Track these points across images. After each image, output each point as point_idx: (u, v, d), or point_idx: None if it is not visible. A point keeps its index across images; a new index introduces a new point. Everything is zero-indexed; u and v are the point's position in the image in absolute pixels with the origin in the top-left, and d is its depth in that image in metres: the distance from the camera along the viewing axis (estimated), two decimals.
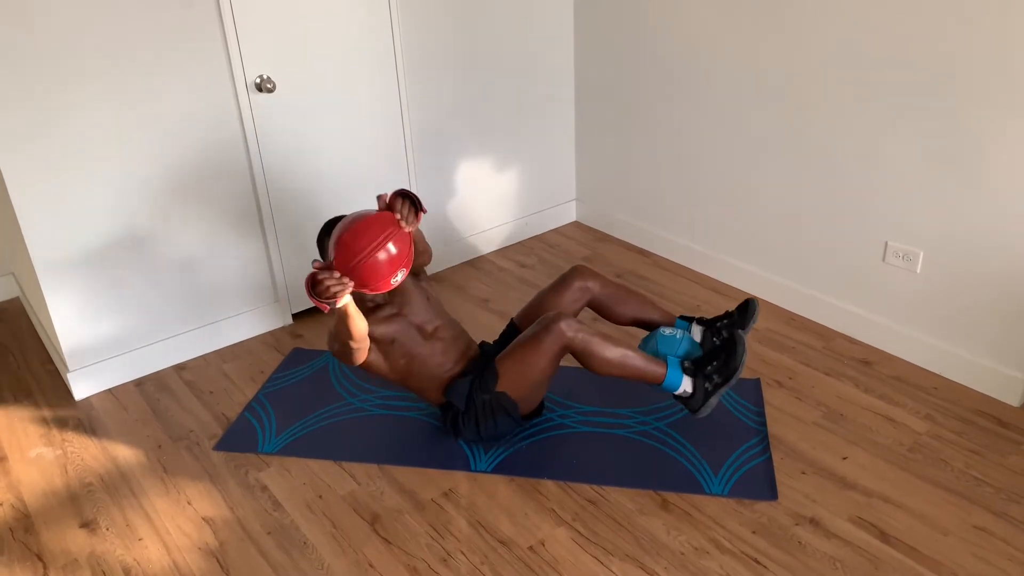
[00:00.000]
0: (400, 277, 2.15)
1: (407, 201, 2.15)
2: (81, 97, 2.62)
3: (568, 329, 2.28)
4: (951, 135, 2.56)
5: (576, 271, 2.62)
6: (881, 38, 2.65)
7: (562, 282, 2.61)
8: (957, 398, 2.69)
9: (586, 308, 2.67)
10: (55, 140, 2.62)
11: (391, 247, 2.09)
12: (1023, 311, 2.55)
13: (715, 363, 2.35)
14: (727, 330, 2.53)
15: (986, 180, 2.52)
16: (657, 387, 2.39)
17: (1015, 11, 2.30)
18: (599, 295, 2.62)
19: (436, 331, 2.48)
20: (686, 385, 2.36)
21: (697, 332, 2.59)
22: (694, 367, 2.39)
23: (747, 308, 2.54)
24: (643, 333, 2.98)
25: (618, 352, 2.32)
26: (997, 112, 2.43)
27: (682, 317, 2.66)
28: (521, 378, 2.36)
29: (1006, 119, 2.41)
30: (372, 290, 2.12)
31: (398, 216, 2.12)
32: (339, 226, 2.13)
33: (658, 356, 2.43)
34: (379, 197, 2.17)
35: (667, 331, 2.52)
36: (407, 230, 2.13)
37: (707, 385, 2.34)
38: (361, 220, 2.12)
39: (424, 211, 2.18)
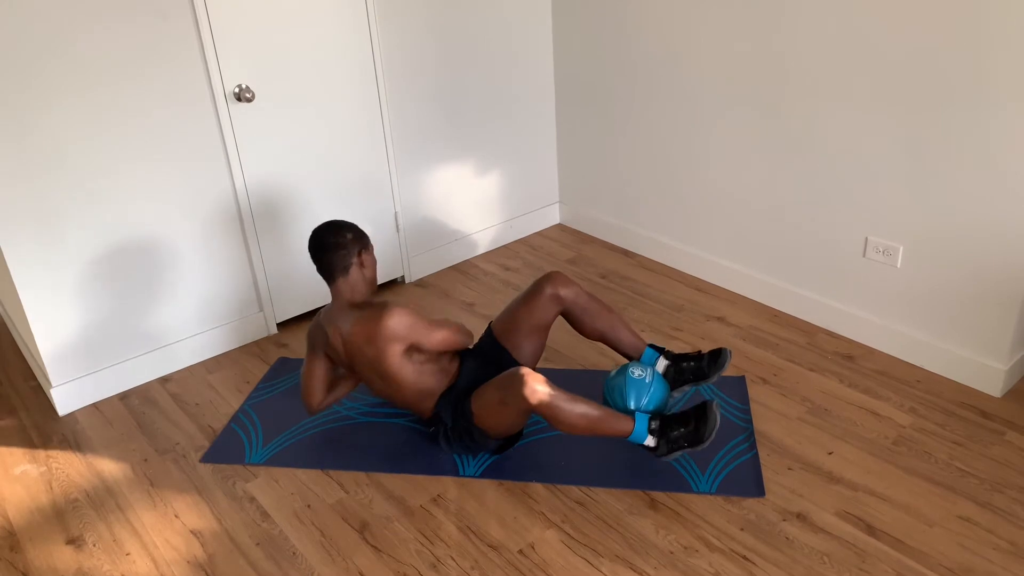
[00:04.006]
0: None
1: None
2: (59, 110, 2.60)
3: (532, 396, 2.21)
4: (929, 130, 2.58)
5: (549, 278, 2.58)
6: (859, 34, 2.67)
7: (535, 289, 2.58)
8: (940, 390, 2.72)
9: (560, 317, 2.66)
10: (33, 154, 2.60)
11: None
12: (1002, 302, 2.58)
13: (683, 429, 2.29)
14: (691, 373, 2.49)
15: (964, 174, 2.54)
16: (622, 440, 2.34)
17: (990, 7, 2.33)
18: (572, 305, 2.58)
19: None
20: (650, 442, 2.31)
21: (662, 365, 2.54)
22: (661, 427, 2.31)
23: (718, 357, 2.49)
24: (607, 350, 2.98)
25: (582, 416, 2.24)
26: (974, 107, 2.45)
27: (651, 346, 2.59)
28: (492, 423, 2.36)
29: (983, 114, 2.44)
30: None
31: None
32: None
33: (626, 399, 2.36)
34: None
35: (636, 373, 2.40)
36: None
37: (671, 446, 2.30)
38: None
39: None
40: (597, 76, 3.69)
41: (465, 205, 3.83)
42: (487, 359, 2.58)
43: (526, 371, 2.25)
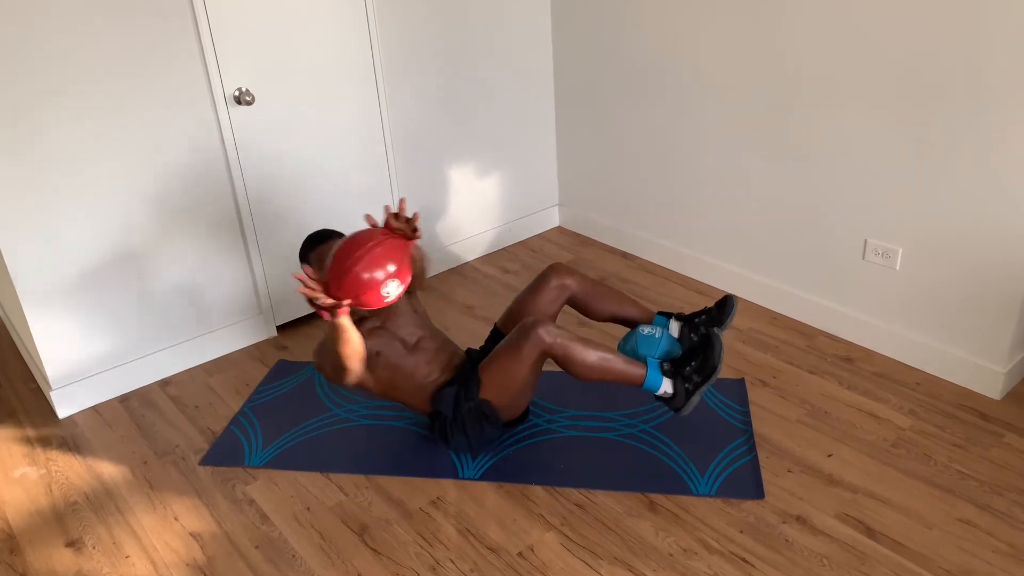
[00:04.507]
0: (392, 291, 2.14)
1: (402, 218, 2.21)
2: (58, 114, 2.61)
3: (547, 335, 2.28)
4: (929, 131, 2.59)
5: (553, 269, 2.61)
6: (857, 36, 2.68)
7: (540, 281, 2.61)
8: (939, 393, 2.72)
9: (566, 307, 2.67)
10: (32, 158, 2.60)
11: (375, 261, 2.08)
12: (1002, 304, 2.58)
13: (693, 363, 2.36)
14: (705, 326, 2.53)
15: (963, 176, 2.55)
16: (638, 389, 2.40)
17: (987, 9, 2.33)
18: (577, 292, 2.61)
19: (420, 342, 2.49)
20: (666, 386, 2.36)
21: (675, 328, 2.59)
22: (673, 368, 2.39)
23: (725, 304, 2.54)
24: (621, 330, 2.99)
25: (598, 356, 2.31)
26: (974, 108, 2.46)
27: (660, 313, 2.66)
28: (503, 385, 2.36)
29: (982, 115, 2.44)
30: (365, 304, 2.13)
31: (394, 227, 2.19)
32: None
33: (637, 357, 2.43)
34: (366, 216, 2.25)
35: (646, 330, 2.51)
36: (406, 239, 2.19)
37: (687, 385, 2.35)
38: (349, 236, 2.15)
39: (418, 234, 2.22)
40: (597, 78, 3.69)
41: (464, 207, 3.84)
42: None
43: (537, 318, 2.33)
